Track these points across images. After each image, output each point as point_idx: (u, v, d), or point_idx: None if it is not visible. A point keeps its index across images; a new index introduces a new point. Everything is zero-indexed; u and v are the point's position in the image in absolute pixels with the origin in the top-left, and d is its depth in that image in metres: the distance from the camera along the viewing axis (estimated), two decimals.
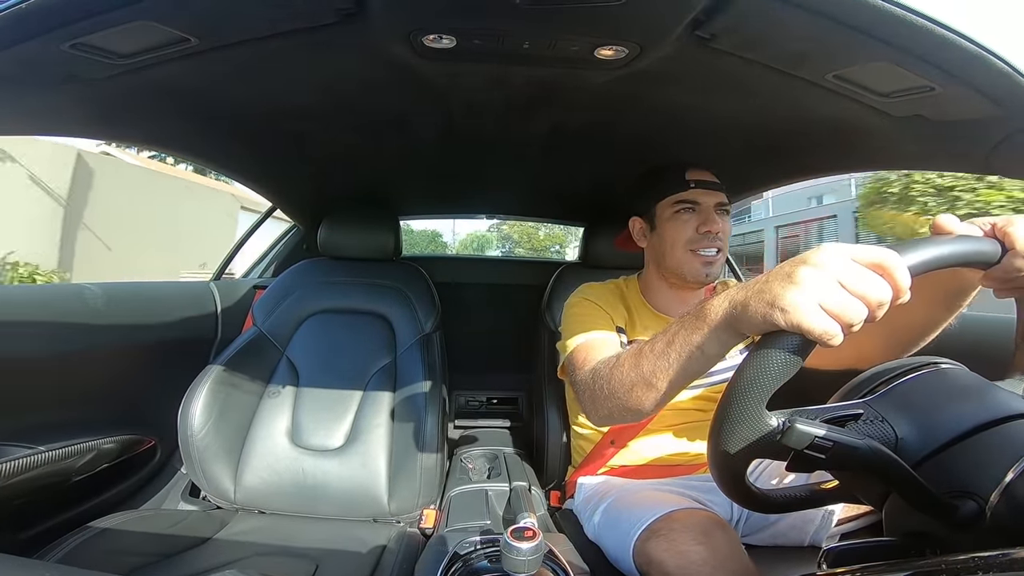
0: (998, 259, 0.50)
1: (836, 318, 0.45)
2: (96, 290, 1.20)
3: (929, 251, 0.46)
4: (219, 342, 1.50)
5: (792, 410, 0.47)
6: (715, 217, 1.05)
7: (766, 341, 0.47)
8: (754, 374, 0.45)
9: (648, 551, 0.76)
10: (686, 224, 1.05)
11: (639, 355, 0.69)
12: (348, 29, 0.74)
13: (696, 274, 1.05)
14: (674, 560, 0.72)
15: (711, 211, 1.05)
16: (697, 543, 0.72)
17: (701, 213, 1.05)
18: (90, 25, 0.64)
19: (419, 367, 1.35)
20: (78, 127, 0.98)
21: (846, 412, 0.49)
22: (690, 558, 0.71)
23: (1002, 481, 0.41)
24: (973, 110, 0.73)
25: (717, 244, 1.05)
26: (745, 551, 0.74)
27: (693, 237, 1.05)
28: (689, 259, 1.05)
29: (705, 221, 1.04)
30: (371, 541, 1.10)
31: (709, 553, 0.71)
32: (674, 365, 0.63)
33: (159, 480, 1.36)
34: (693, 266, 1.05)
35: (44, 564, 0.31)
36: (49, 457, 1.01)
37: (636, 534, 0.80)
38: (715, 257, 1.05)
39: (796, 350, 0.45)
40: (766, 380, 0.44)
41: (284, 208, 1.78)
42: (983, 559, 0.31)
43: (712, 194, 1.06)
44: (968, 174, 0.92)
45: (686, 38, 0.72)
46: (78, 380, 1.13)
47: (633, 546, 0.80)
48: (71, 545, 0.94)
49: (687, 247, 1.05)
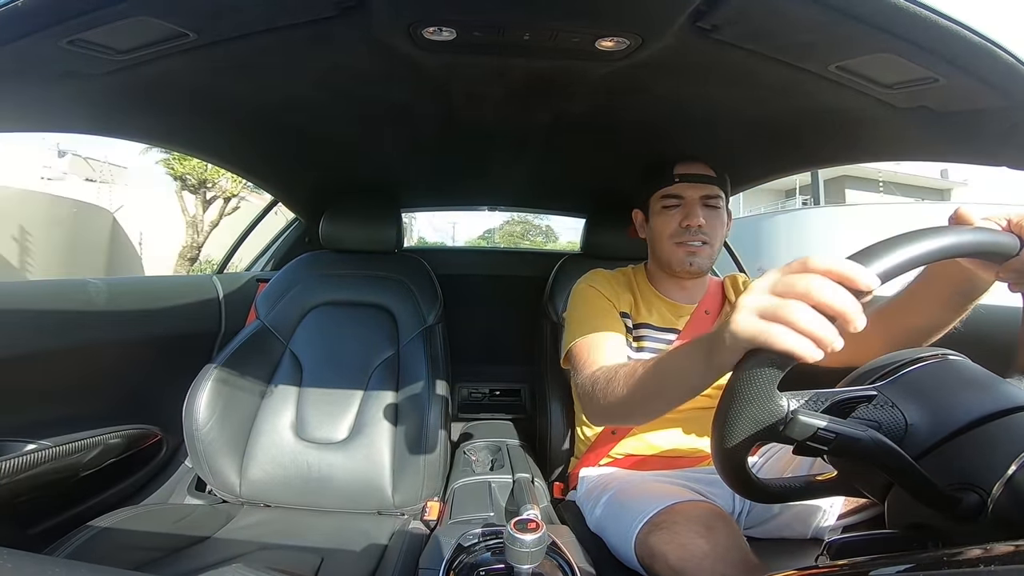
0: (1017, 252, 0.50)
1: (807, 334, 0.42)
2: (100, 284, 1.20)
3: (951, 238, 0.46)
4: (223, 336, 1.50)
5: (805, 391, 0.47)
6: (698, 211, 1.06)
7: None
8: (760, 359, 0.45)
9: (650, 543, 0.77)
10: (671, 218, 1.08)
11: (633, 376, 0.72)
12: (348, 22, 0.73)
13: (680, 264, 1.08)
14: (676, 552, 0.73)
15: (695, 205, 1.07)
16: (699, 536, 0.73)
17: (685, 207, 1.07)
18: (87, 21, 0.63)
19: (422, 359, 1.35)
20: (77, 123, 0.98)
21: (858, 395, 0.49)
22: (692, 551, 0.72)
23: (1005, 473, 0.41)
24: (978, 101, 0.73)
25: (701, 237, 1.06)
26: (747, 543, 0.75)
27: (676, 231, 1.07)
28: (674, 250, 1.08)
29: (688, 215, 1.06)
30: (375, 534, 1.11)
31: (711, 546, 0.71)
32: (663, 393, 0.67)
33: (165, 474, 1.37)
34: (678, 256, 1.08)
35: (54, 560, 0.32)
36: (55, 452, 1.02)
37: (638, 527, 0.81)
38: (699, 248, 1.07)
39: (776, 363, 0.44)
40: (768, 375, 0.44)
41: (285, 201, 1.77)
42: (985, 551, 0.31)
43: (698, 187, 1.07)
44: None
45: (687, 29, 0.71)
46: (83, 375, 1.13)
47: (635, 538, 0.80)
48: (80, 540, 0.94)
49: (671, 240, 1.08)
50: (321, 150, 1.37)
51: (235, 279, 1.66)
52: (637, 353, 1.09)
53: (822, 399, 0.47)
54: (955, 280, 0.63)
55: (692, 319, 1.12)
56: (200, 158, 1.34)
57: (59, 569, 0.30)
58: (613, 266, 1.24)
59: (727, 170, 1.11)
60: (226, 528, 1.11)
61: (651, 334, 1.11)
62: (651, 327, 1.11)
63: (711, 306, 1.15)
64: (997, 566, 0.30)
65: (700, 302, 1.14)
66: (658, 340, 1.10)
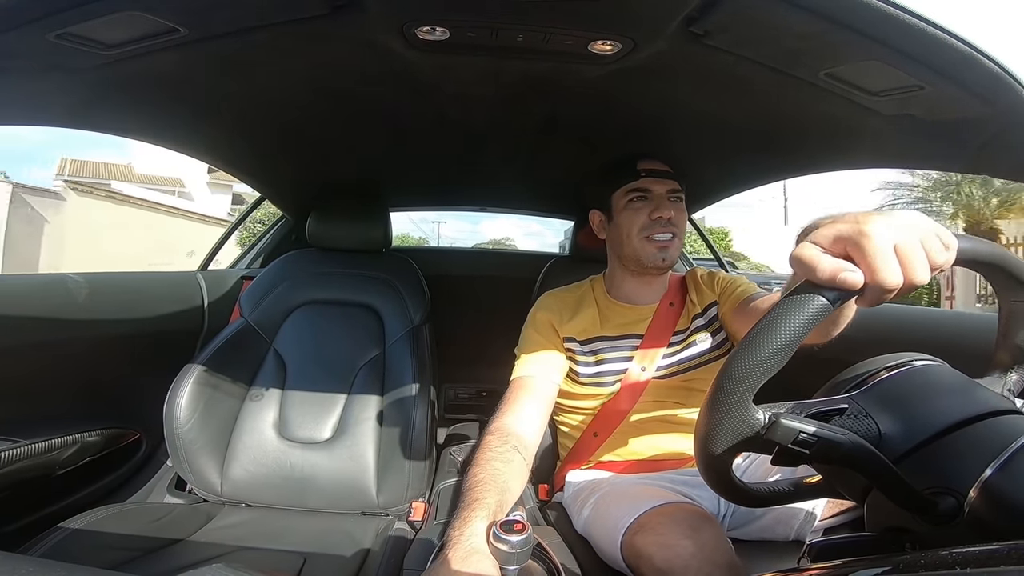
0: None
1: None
2: (80, 280, 1.18)
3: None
4: (205, 333, 1.48)
5: (778, 404, 0.47)
6: (668, 204, 1.09)
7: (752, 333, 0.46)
8: (740, 368, 0.45)
9: (636, 544, 0.78)
10: (639, 212, 1.09)
11: (479, 468, 0.82)
12: (341, 20, 0.73)
13: (652, 259, 1.09)
14: (661, 553, 0.73)
15: (663, 198, 1.09)
16: (684, 537, 0.73)
17: (653, 200, 1.09)
18: (76, 15, 0.62)
19: (408, 359, 1.34)
20: (64, 118, 0.96)
21: (831, 407, 0.49)
22: (677, 551, 0.72)
23: (980, 477, 0.42)
24: (962, 109, 0.74)
25: (671, 230, 1.09)
26: (731, 545, 0.75)
27: (646, 224, 1.08)
28: (644, 245, 1.09)
29: (657, 207, 1.08)
30: (359, 534, 1.10)
31: (696, 547, 0.72)
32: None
33: (144, 473, 1.35)
34: (648, 251, 1.09)
35: (27, 558, 0.31)
36: (32, 451, 1.00)
37: (624, 528, 0.81)
38: (670, 242, 1.09)
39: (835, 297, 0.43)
40: (753, 373, 0.44)
41: (273, 198, 1.76)
42: (960, 554, 0.32)
43: (663, 182, 1.10)
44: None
45: (680, 34, 0.72)
46: (62, 372, 1.11)
47: (621, 539, 0.81)
48: (55, 539, 0.92)
49: (641, 234, 1.09)
50: (310, 148, 1.36)
51: (219, 276, 1.64)
52: (596, 366, 1.10)
53: (796, 411, 0.47)
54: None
55: (656, 315, 1.14)
56: (188, 154, 1.32)
57: (32, 568, 0.30)
58: (597, 269, 1.25)
59: (716, 174, 1.13)
60: (206, 528, 1.09)
61: (607, 345, 1.11)
62: (607, 339, 1.12)
63: (675, 299, 1.16)
64: (973, 568, 0.31)
65: (663, 297, 1.16)
66: (616, 350, 1.11)
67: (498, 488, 0.77)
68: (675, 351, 1.10)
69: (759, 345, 0.44)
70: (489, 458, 0.85)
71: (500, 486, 0.78)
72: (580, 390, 1.11)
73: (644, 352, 1.10)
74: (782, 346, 0.44)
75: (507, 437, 0.91)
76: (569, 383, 1.12)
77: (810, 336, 0.45)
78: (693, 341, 1.10)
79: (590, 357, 1.11)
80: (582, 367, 1.11)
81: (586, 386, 1.10)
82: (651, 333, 1.12)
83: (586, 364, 1.11)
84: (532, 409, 1.01)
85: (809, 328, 0.43)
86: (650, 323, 1.13)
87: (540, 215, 2.35)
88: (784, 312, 0.44)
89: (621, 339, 1.12)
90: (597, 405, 1.11)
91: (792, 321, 0.43)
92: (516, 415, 0.98)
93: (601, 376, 1.09)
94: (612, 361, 1.10)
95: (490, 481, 0.78)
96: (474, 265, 2.26)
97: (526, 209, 2.34)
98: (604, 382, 1.09)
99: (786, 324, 0.43)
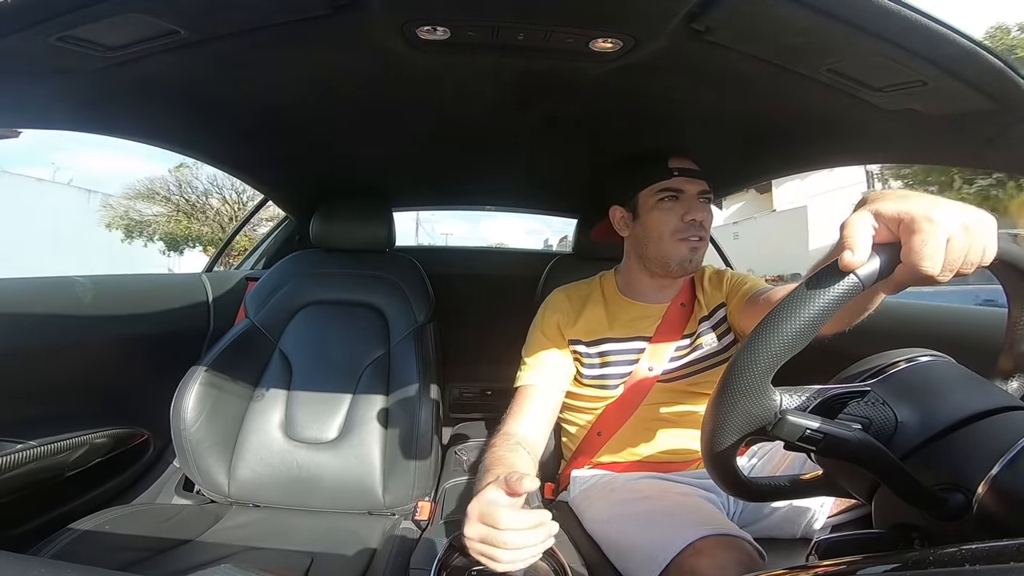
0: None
1: None
2: (86, 283, 1.19)
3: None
4: (211, 334, 1.49)
5: (800, 387, 0.47)
6: (699, 205, 1.05)
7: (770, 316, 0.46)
8: (759, 347, 0.44)
9: (694, 566, 0.74)
10: (670, 213, 1.05)
11: (488, 457, 0.87)
12: (341, 20, 0.73)
13: (682, 261, 1.05)
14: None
15: (695, 199, 1.05)
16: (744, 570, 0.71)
17: (685, 202, 1.05)
18: (77, 18, 0.63)
19: (413, 359, 1.34)
20: (66, 120, 0.96)
21: (852, 391, 0.49)
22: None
23: (989, 473, 0.42)
24: (965, 104, 0.73)
25: (701, 233, 1.05)
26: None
27: (679, 226, 1.04)
28: (677, 247, 1.05)
29: (690, 210, 1.04)
30: (366, 534, 1.11)
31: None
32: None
33: (152, 474, 1.36)
34: (680, 254, 1.05)
35: (39, 560, 0.31)
36: (41, 452, 1.01)
37: (681, 546, 0.77)
38: (699, 244, 1.05)
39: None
40: (774, 351, 0.44)
41: (276, 199, 1.76)
42: (969, 550, 0.32)
43: (695, 182, 1.06)
44: None
45: (681, 31, 0.72)
46: (69, 373, 1.12)
47: (673, 557, 0.77)
48: (65, 541, 0.93)
49: (674, 236, 1.05)
50: (313, 148, 1.36)
51: (224, 277, 1.65)
52: (601, 368, 1.09)
53: (816, 395, 0.47)
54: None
55: (667, 315, 1.11)
56: (189, 155, 1.33)
57: (44, 569, 0.30)
58: (605, 267, 1.24)
59: (718, 171, 1.12)
60: (214, 528, 1.10)
61: (614, 348, 1.09)
62: (614, 340, 1.10)
63: (686, 299, 1.14)
64: (981, 565, 0.30)
65: (674, 298, 1.14)
66: (622, 352, 1.09)
67: (507, 465, 0.82)
68: (682, 354, 1.08)
69: (783, 322, 0.44)
70: (497, 450, 0.89)
71: (510, 465, 0.82)
72: (584, 391, 1.11)
73: (653, 350, 1.08)
74: (809, 321, 0.43)
75: (513, 439, 0.93)
76: (574, 383, 1.12)
77: (831, 323, 0.46)
78: (700, 344, 1.09)
79: (595, 359, 1.10)
80: (587, 368, 1.10)
81: (590, 388, 1.10)
82: (660, 334, 1.10)
83: (591, 366, 1.10)
84: (537, 418, 1.02)
85: (838, 305, 0.43)
86: (659, 324, 1.11)
87: (543, 213, 2.35)
88: (814, 287, 0.44)
89: (628, 341, 1.10)
90: (601, 405, 1.11)
91: (821, 297, 0.43)
92: (520, 424, 1.00)
93: (605, 379, 1.09)
94: (617, 364, 1.09)
95: (498, 463, 0.83)
96: (478, 264, 2.25)
97: (529, 208, 2.34)
98: (608, 384, 1.08)
99: (816, 300, 0.43)
